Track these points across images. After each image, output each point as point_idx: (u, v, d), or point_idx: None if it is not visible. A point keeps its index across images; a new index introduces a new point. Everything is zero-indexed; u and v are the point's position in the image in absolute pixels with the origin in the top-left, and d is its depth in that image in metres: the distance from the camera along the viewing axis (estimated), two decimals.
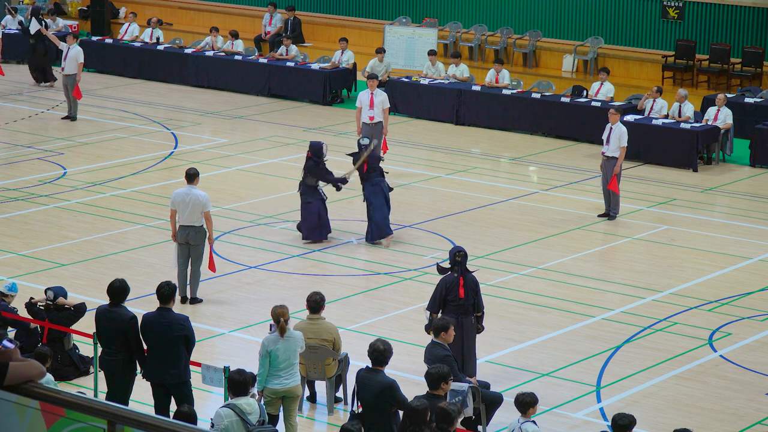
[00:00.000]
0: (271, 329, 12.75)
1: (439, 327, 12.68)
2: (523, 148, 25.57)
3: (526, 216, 20.94)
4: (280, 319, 12.34)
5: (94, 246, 18.92)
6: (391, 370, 11.95)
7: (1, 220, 20.11)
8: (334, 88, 29.34)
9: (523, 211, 21.23)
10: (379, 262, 18.54)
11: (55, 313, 14.39)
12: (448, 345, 12.70)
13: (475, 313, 13.99)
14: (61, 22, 34.22)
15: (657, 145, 24.33)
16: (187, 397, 12.41)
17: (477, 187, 22.69)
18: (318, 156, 18.95)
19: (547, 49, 31.43)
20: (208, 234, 16.49)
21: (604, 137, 20.78)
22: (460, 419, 11.80)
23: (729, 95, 26.17)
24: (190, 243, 16.50)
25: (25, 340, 14.10)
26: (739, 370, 15.05)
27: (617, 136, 20.58)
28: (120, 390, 12.50)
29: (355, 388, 11.78)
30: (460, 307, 13.79)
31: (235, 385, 11.02)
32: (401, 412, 11.04)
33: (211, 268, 16.71)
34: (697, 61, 29.30)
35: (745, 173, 24.15)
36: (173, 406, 12.34)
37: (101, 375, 12.90)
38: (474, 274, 14.09)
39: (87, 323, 14.16)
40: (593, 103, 25.86)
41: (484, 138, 26.39)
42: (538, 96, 26.76)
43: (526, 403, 11.49)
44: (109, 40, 32.65)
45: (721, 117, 24.65)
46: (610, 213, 20.78)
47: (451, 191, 22.34)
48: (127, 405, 11.19)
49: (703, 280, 18.16)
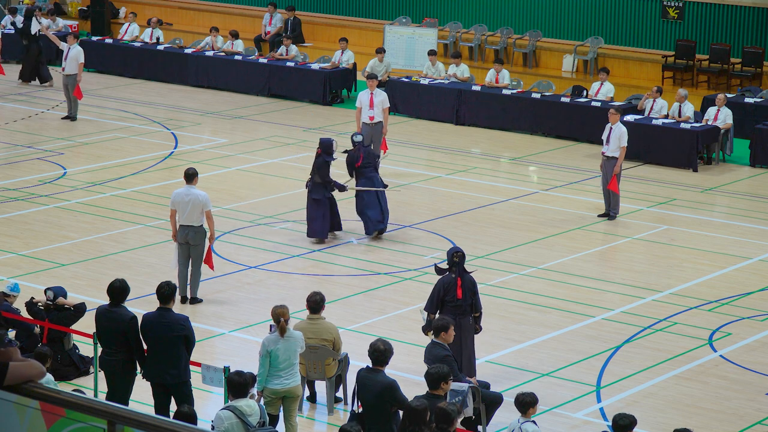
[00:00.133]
0: (271, 329, 12.75)
1: (439, 327, 12.67)
2: (523, 148, 25.57)
3: (526, 216, 20.94)
4: (280, 319, 12.34)
5: (94, 246, 18.93)
6: (391, 370, 11.94)
7: (1, 220, 20.12)
8: (334, 88, 29.34)
9: (523, 211, 21.24)
10: (379, 262, 18.54)
11: (55, 313, 14.39)
12: (448, 345, 12.70)
13: (473, 314, 13.98)
14: (61, 22, 34.22)
15: (657, 145, 24.34)
16: (187, 397, 12.41)
17: (477, 187, 22.70)
18: (328, 152, 19.01)
19: (547, 49, 31.44)
20: (209, 233, 16.50)
21: (604, 137, 20.78)
22: (460, 419, 11.80)
23: (729, 95, 26.17)
24: (190, 243, 16.50)
25: (25, 340, 14.10)
26: (739, 370, 15.05)
27: (617, 136, 20.59)
28: (120, 390, 12.50)
29: (355, 388, 11.77)
30: (457, 308, 13.78)
31: (234, 386, 11.01)
32: (401, 412, 11.04)
33: (210, 266, 16.71)
34: (697, 61, 29.30)
35: (745, 173, 24.15)
36: (173, 406, 12.34)
37: (101, 375, 12.90)
38: (472, 275, 14.08)
39: (87, 323, 14.16)
40: (593, 103, 25.86)
41: (484, 138, 26.39)
42: (538, 96, 26.76)
43: (526, 403, 11.49)
44: (109, 40, 32.65)
45: (721, 117, 24.65)
46: (610, 213, 20.79)
47: (451, 191, 22.34)
48: (127, 405, 11.18)
49: (703, 280, 18.17)
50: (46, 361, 12.36)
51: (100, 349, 12.84)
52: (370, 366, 11.73)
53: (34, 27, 32.53)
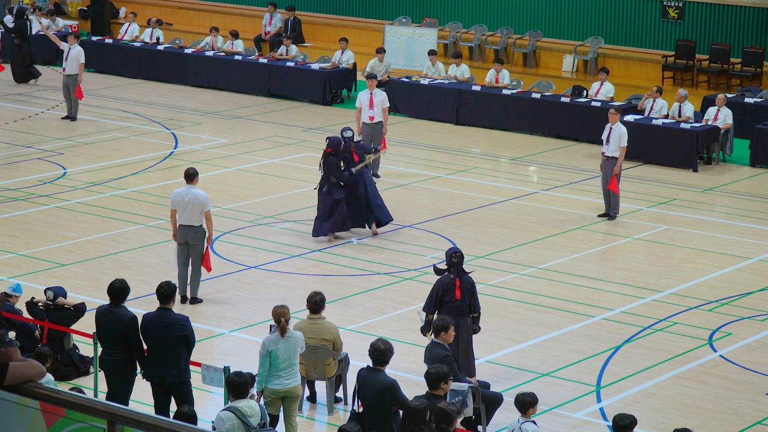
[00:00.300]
0: (271, 329, 12.75)
1: (439, 327, 12.67)
2: (523, 148, 25.57)
3: (526, 216, 20.94)
4: (281, 319, 12.33)
5: (94, 246, 18.93)
6: (391, 369, 11.94)
7: (1, 220, 20.12)
8: (334, 88, 29.34)
9: (523, 211, 21.23)
10: (379, 262, 18.54)
11: (55, 313, 14.39)
12: (448, 345, 12.70)
13: (471, 314, 13.98)
14: (61, 22, 34.21)
15: (657, 145, 24.33)
16: (187, 397, 12.41)
17: (477, 187, 22.69)
18: (337, 151, 19.04)
19: (547, 49, 31.44)
20: (207, 233, 16.50)
21: (604, 137, 20.78)
22: (460, 419, 11.80)
23: (729, 95, 26.17)
24: (189, 243, 16.51)
25: (25, 340, 14.10)
26: (739, 370, 15.05)
27: (617, 136, 20.59)
28: (120, 390, 12.50)
29: (355, 388, 11.77)
30: (456, 309, 13.76)
31: (234, 387, 10.99)
32: (401, 412, 11.04)
33: (206, 266, 16.70)
34: (697, 61, 29.30)
35: (745, 173, 24.15)
36: (173, 406, 12.34)
37: (101, 375, 12.90)
38: (471, 275, 14.07)
39: (87, 323, 14.16)
40: (593, 103, 25.86)
41: (484, 138, 26.39)
42: (538, 96, 26.76)
43: (526, 403, 11.49)
44: (109, 40, 32.65)
45: (721, 117, 24.65)
46: (610, 213, 20.78)
47: (451, 191, 22.34)
48: (127, 405, 11.18)
49: (703, 280, 18.16)
50: (46, 361, 12.36)
51: (100, 349, 12.84)
52: (371, 366, 11.74)
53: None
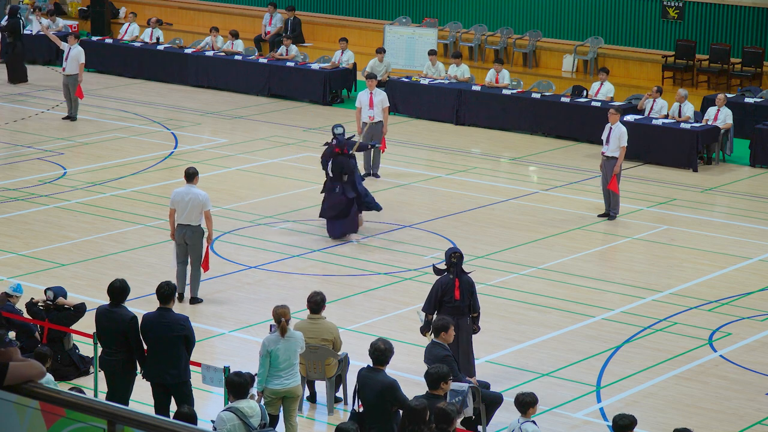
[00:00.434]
0: (271, 329, 12.75)
1: (439, 327, 12.67)
2: (523, 148, 25.57)
3: (526, 216, 20.94)
4: (281, 319, 12.33)
5: (94, 246, 18.93)
6: (391, 369, 11.94)
7: (1, 220, 20.12)
8: (334, 88, 29.34)
9: (523, 211, 21.23)
10: (379, 262, 18.54)
11: (55, 313, 14.39)
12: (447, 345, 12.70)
13: (471, 314, 13.97)
14: (61, 22, 34.20)
15: (657, 145, 24.33)
16: (187, 397, 12.41)
17: (477, 187, 22.69)
18: (349, 148, 19.14)
19: (547, 49, 31.43)
20: (207, 233, 16.51)
21: (604, 137, 20.78)
22: (460, 419, 11.81)
23: (729, 95, 26.17)
24: (187, 242, 16.51)
25: (25, 340, 14.10)
26: (739, 370, 15.05)
27: (617, 136, 20.59)
28: (120, 390, 12.50)
29: (356, 387, 11.78)
30: (455, 309, 13.76)
31: (234, 387, 10.98)
32: (402, 412, 11.04)
33: (205, 266, 16.70)
34: (697, 61, 29.30)
35: (745, 173, 24.15)
36: (173, 406, 12.34)
37: (101, 375, 12.90)
38: (470, 275, 14.07)
39: (87, 323, 14.16)
40: (593, 103, 25.86)
41: (484, 138, 26.39)
42: (538, 96, 26.76)
43: (526, 403, 11.49)
44: (109, 40, 32.65)
45: (721, 117, 24.65)
46: (610, 213, 20.78)
47: (451, 191, 22.34)
48: (127, 405, 11.18)
49: (703, 280, 18.16)
50: (46, 361, 12.35)
51: (100, 349, 12.84)
52: (371, 365, 11.74)
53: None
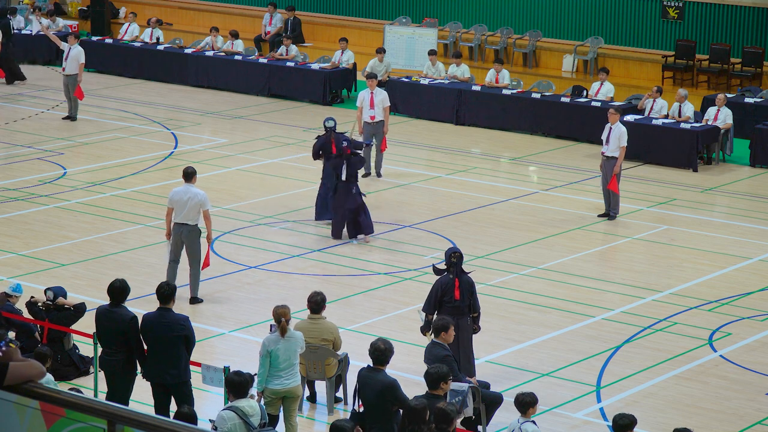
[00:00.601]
0: (271, 329, 12.75)
1: (439, 327, 12.67)
2: (523, 148, 25.57)
3: (526, 216, 20.94)
4: (281, 319, 12.33)
5: (94, 246, 18.93)
6: (391, 369, 11.94)
7: (1, 220, 20.12)
8: (334, 88, 29.34)
9: (523, 211, 21.23)
10: (379, 262, 18.54)
11: (55, 313, 14.39)
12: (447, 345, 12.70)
13: (471, 314, 13.97)
14: (61, 22, 34.20)
15: (657, 145, 24.33)
16: (187, 397, 12.41)
17: (477, 187, 22.69)
18: (358, 148, 19.17)
19: (547, 49, 31.43)
20: (207, 233, 16.51)
21: (604, 137, 20.78)
22: (460, 419, 11.81)
23: (729, 95, 26.17)
24: (184, 241, 16.53)
25: (25, 340, 14.10)
26: (739, 370, 15.05)
27: (617, 136, 20.59)
28: (120, 390, 12.50)
29: (356, 387, 11.78)
30: (455, 309, 13.76)
31: (234, 386, 10.98)
32: (402, 412, 11.04)
33: (206, 263, 16.70)
34: (697, 61, 29.30)
35: (745, 173, 24.15)
36: (173, 406, 12.34)
37: (101, 375, 12.90)
38: (470, 275, 14.07)
39: (87, 323, 14.16)
40: (593, 103, 25.86)
41: (484, 138, 26.39)
42: (538, 96, 26.76)
43: (526, 403, 11.49)
44: (109, 40, 32.65)
45: (721, 117, 24.65)
46: (610, 213, 20.78)
47: (451, 191, 22.34)
48: (127, 405, 11.18)
49: (703, 280, 18.16)
50: (46, 361, 12.35)
51: (100, 349, 12.84)
52: (371, 365, 11.74)
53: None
